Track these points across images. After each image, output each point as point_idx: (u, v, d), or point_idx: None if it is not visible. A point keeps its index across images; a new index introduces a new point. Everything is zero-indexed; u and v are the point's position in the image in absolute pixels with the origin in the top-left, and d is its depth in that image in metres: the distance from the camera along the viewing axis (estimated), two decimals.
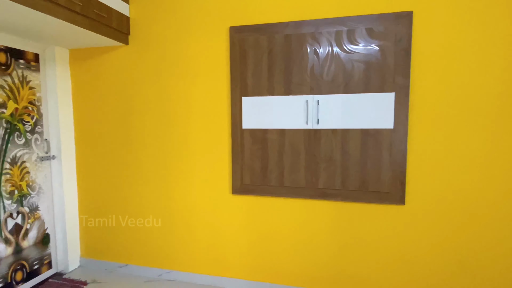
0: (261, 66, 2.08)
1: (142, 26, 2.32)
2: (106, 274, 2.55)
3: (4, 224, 2.10)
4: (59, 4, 1.71)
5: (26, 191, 2.26)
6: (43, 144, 2.39)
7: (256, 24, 2.06)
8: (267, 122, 2.11)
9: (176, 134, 2.34)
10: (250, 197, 2.22)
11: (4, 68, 2.07)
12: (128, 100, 2.42)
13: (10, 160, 2.13)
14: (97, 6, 1.99)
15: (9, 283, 2.13)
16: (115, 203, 2.55)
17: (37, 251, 2.36)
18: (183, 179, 2.35)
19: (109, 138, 2.50)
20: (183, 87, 2.28)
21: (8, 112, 2.10)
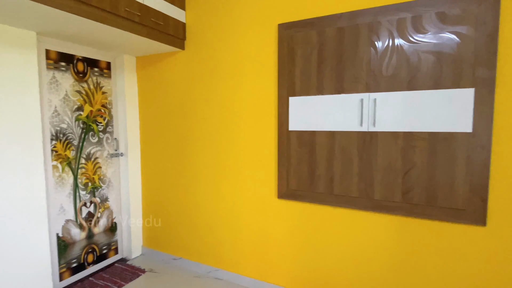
0: (310, 64, 1.93)
1: (196, 31, 2.41)
2: (161, 265, 2.73)
3: (79, 212, 2.41)
4: (120, 15, 1.87)
5: (98, 183, 2.56)
6: (113, 143, 2.68)
7: (305, 19, 1.93)
8: (316, 123, 1.95)
9: (225, 134, 2.35)
10: (296, 203, 2.09)
11: (82, 75, 2.38)
12: (184, 103, 2.54)
13: (85, 156, 2.44)
14: (154, 15, 2.13)
15: (81, 264, 2.44)
16: (172, 198, 2.71)
17: (106, 238, 2.66)
18: (231, 180, 2.36)
19: (168, 138, 2.67)
20: (232, 89, 2.29)
21: (84, 114, 2.41)
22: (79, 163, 2.39)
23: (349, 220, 1.92)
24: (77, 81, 2.34)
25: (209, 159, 2.45)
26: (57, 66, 2.20)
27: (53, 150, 2.19)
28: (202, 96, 2.44)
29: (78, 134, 2.37)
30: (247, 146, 2.26)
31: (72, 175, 2.34)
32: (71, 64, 2.29)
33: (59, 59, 2.20)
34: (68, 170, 2.31)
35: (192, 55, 2.46)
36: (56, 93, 2.19)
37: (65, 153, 2.28)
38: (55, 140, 2.20)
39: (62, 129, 2.25)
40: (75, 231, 2.39)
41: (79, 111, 2.37)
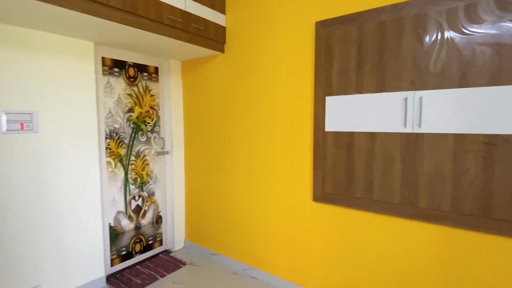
0: (349, 61, 1.85)
1: (235, 34, 2.47)
2: (201, 259, 2.85)
3: (129, 204, 2.64)
4: (163, 23, 2.00)
5: (146, 179, 2.78)
6: (159, 141, 2.88)
7: (344, 15, 1.85)
8: (354, 124, 1.86)
9: (260, 135, 2.37)
10: (332, 206, 2.01)
11: (133, 80, 2.60)
12: (223, 104, 2.62)
13: (135, 154, 2.66)
14: (196, 20, 2.23)
15: (130, 252, 2.67)
16: (211, 195, 2.81)
17: (152, 229, 2.87)
18: (266, 180, 2.37)
19: (208, 138, 2.78)
20: (268, 89, 2.29)
21: (134, 115, 2.63)
22: (130, 160, 2.62)
23: (390, 228, 1.79)
24: (129, 85, 2.57)
25: (245, 159, 2.49)
26: (111, 72, 2.44)
27: (107, 147, 2.44)
28: (239, 97, 2.49)
29: (129, 133, 2.60)
30: (282, 146, 2.24)
31: (123, 171, 2.57)
32: (124, 70, 2.52)
33: (113, 65, 2.44)
34: (119, 166, 2.54)
35: (231, 58, 2.52)
36: (110, 96, 2.44)
37: (117, 150, 2.52)
38: (109, 138, 2.44)
39: (115, 129, 2.49)
40: (125, 221, 2.62)
41: (130, 112, 2.60)
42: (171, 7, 2.03)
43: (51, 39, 1.97)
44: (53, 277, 2.08)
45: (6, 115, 1.79)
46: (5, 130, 1.79)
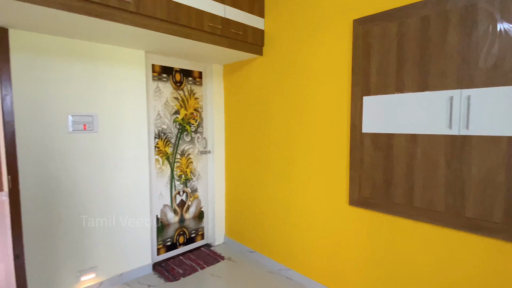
0: (388, 59, 1.76)
1: (273, 36, 2.51)
2: (239, 255, 2.95)
3: (174, 199, 2.86)
4: (204, 30, 2.14)
5: (190, 176, 2.97)
6: (202, 141, 3.06)
7: (383, 12, 1.77)
8: (393, 125, 1.76)
9: (297, 136, 2.37)
10: (370, 212, 1.93)
11: (179, 84, 2.81)
12: (260, 106, 2.68)
13: (180, 152, 2.87)
14: (234, 26, 2.33)
15: (174, 243, 2.88)
16: (250, 194, 2.90)
17: (195, 223, 3.06)
18: (302, 181, 2.36)
19: (246, 138, 2.87)
20: (304, 90, 2.29)
21: (180, 117, 2.84)
22: (175, 158, 2.83)
23: (432, 238, 1.66)
24: (175, 89, 2.79)
25: (282, 159, 2.51)
26: (160, 78, 2.67)
27: (156, 146, 2.68)
28: (276, 98, 2.52)
29: (175, 133, 2.81)
30: (319, 148, 2.22)
31: (169, 168, 2.80)
32: (171, 75, 2.75)
33: (162, 71, 2.68)
34: (166, 163, 2.77)
35: (268, 60, 2.57)
36: (159, 100, 2.67)
37: (165, 149, 2.75)
38: (157, 138, 2.68)
39: (163, 129, 2.72)
40: (170, 214, 2.84)
41: (176, 114, 2.81)
42: (211, 15, 2.16)
43: (108, 50, 2.25)
44: (107, 260, 2.36)
45: (72, 117, 2.09)
46: (71, 130, 2.09)
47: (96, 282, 2.31)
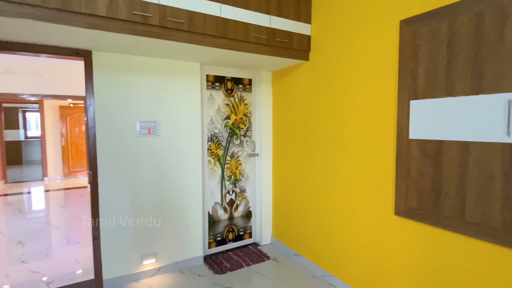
0: (437, 61, 1.64)
1: (320, 41, 2.53)
2: (284, 257, 3.01)
3: (224, 197, 3.08)
4: (249, 41, 2.28)
5: (239, 177, 3.16)
6: (251, 145, 3.22)
7: (432, 10, 1.66)
8: (443, 131, 1.63)
9: (341, 141, 2.34)
10: (416, 223, 1.81)
11: (230, 92, 3.02)
12: (305, 110, 2.72)
13: (230, 154, 3.08)
14: (280, 34, 2.42)
15: (223, 239, 3.10)
16: (295, 198, 2.95)
17: (243, 222, 3.24)
18: (345, 187, 2.32)
19: (292, 142, 2.93)
20: (349, 94, 2.25)
21: (230, 122, 3.05)
22: (226, 159, 3.05)
23: (487, 256, 1.49)
24: (226, 96, 3.01)
25: (326, 165, 2.50)
26: (213, 86, 2.92)
27: (208, 149, 2.93)
28: (320, 104, 2.53)
29: (226, 137, 3.03)
30: (363, 154, 2.16)
31: (220, 169, 3.03)
32: (223, 84, 2.98)
33: (214, 80, 2.92)
34: (218, 165, 3.01)
35: (314, 65, 2.59)
36: (212, 106, 2.92)
37: (216, 151, 2.99)
38: (210, 141, 2.93)
39: (215, 133, 2.96)
40: (220, 212, 3.07)
41: (227, 119, 3.03)
42: (256, 26, 2.30)
43: (169, 64, 2.57)
44: (165, 248, 2.68)
45: (139, 123, 2.45)
46: (138, 134, 2.45)
47: (155, 266, 2.64)
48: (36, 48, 2.07)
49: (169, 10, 1.92)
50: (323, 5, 2.46)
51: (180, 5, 1.95)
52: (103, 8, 1.72)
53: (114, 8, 1.75)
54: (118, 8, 1.76)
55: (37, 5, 1.56)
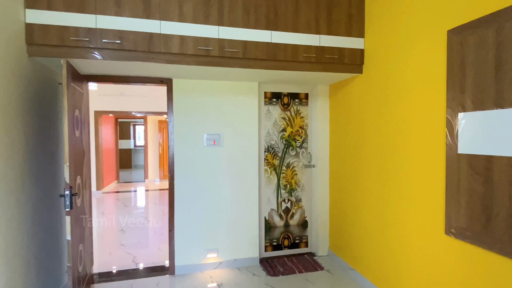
0: (485, 71, 1.54)
1: (372, 54, 2.54)
2: (338, 270, 3.01)
3: (280, 205, 3.28)
4: (298, 61, 2.49)
5: (294, 186, 3.33)
6: (307, 156, 3.36)
7: (478, 18, 1.57)
8: (492, 145, 1.51)
9: (392, 153, 2.29)
10: (467, 244, 1.67)
11: (286, 106, 3.26)
12: (359, 123, 2.73)
13: (286, 165, 3.28)
14: (329, 51, 2.55)
15: (279, 245, 3.29)
16: (350, 211, 2.94)
17: (298, 231, 3.37)
18: (397, 204, 2.25)
19: (348, 155, 2.95)
20: (400, 107, 2.21)
21: (286, 134, 3.27)
22: (281, 169, 3.27)
23: None
24: (283, 110, 3.25)
25: (378, 179, 2.46)
26: (270, 102, 3.21)
27: (265, 158, 3.21)
28: (374, 116, 2.52)
29: (282, 148, 3.26)
30: (414, 167, 2.08)
31: (276, 178, 3.26)
32: (279, 99, 3.24)
33: (271, 96, 3.21)
34: (273, 174, 3.25)
35: (367, 77, 2.61)
36: (269, 120, 3.21)
37: (272, 161, 3.24)
38: (267, 151, 3.21)
39: (272, 145, 3.23)
40: (276, 218, 3.28)
41: (283, 132, 3.26)
42: (305, 47, 2.49)
43: (230, 85, 2.98)
44: (226, 246, 3.04)
45: (206, 135, 2.91)
46: (205, 145, 2.92)
47: (217, 261, 3.02)
48: (134, 79, 2.75)
49: (227, 42, 2.31)
50: (376, 19, 2.49)
51: (235, 37, 2.31)
52: (176, 47, 2.21)
53: (184, 46, 2.22)
54: (187, 46, 2.23)
55: (130, 49, 2.14)
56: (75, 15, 2.03)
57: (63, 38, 2.02)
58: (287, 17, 2.44)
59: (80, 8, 2.04)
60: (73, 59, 2.13)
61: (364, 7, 2.63)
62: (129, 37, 2.12)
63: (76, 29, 2.04)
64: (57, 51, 2.04)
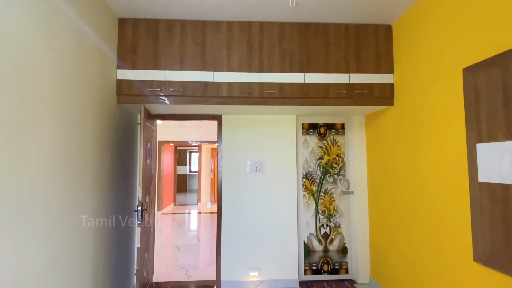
0: (496, 106, 1.67)
1: (401, 88, 2.74)
2: None
3: (319, 230, 3.45)
4: (329, 97, 2.80)
5: (333, 212, 3.48)
6: (344, 183, 3.52)
7: (488, 58, 1.74)
8: (507, 175, 1.60)
9: (421, 182, 2.39)
10: (494, 271, 1.70)
11: (323, 136, 3.52)
12: (394, 153, 2.87)
13: (323, 191, 3.48)
14: (359, 87, 2.82)
15: (318, 269, 3.41)
16: (391, 239, 2.98)
17: (338, 256, 3.45)
18: (429, 232, 2.31)
19: (384, 183, 3.06)
20: (426, 138, 2.34)
21: (324, 161, 3.50)
22: (319, 195, 3.47)
23: None
24: (319, 140, 3.52)
25: (411, 207, 2.54)
26: (308, 132, 3.51)
27: (303, 184, 3.46)
28: (404, 145, 2.65)
29: (319, 175, 3.49)
30: (442, 195, 2.16)
31: (314, 203, 3.47)
32: (316, 129, 3.53)
33: (309, 127, 3.52)
34: (312, 199, 3.47)
35: (397, 109, 2.78)
36: (306, 148, 3.50)
37: (310, 187, 3.47)
38: (305, 178, 3.47)
39: (309, 172, 3.48)
40: (315, 243, 3.44)
41: (320, 159, 3.50)
42: (336, 85, 2.80)
43: (270, 118, 3.38)
44: (267, 266, 3.29)
45: (249, 162, 3.31)
46: (248, 171, 3.31)
47: (258, 279, 3.27)
48: (192, 116, 3.34)
49: (266, 85, 2.75)
50: (403, 57, 2.71)
51: (273, 80, 2.75)
52: (224, 91, 2.72)
53: (231, 90, 2.72)
54: (233, 90, 2.72)
55: (190, 95, 2.70)
56: (150, 71, 2.68)
57: (142, 89, 2.67)
58: (318, 60, 2.81)
59: (155, 66, 2.69)
60: (148, 104, 2.76)
61: (392, 46, 2.87)
62: (189, 85, 2.70)
63: (151, 82, 2.68)
64: (138, 99, 2.69)
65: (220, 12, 2.66)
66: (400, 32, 2.76)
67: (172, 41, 2.73)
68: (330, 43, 2.84)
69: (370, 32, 2.88)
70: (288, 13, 2.69)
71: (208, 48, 2.75)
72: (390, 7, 2.61)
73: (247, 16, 2.73)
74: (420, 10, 2.45)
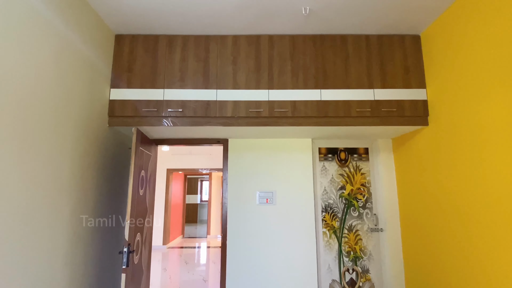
0: None
1: (437, 105, 2.31)
2: None
3: (343, 276, 2.87)
4: (351, 116, 2.39)
5: (359, 254, 2.92)
6: (372, 218, 2.98)
7: None
8: None
9: (472, 214, 1.87)
10: None
11: (344, 162, 3.06)
12: (431, 179, 2.37)
13: (347, 227, 2.95)
14: (386, 104, 2.41)
15: None
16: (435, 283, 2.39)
17: None
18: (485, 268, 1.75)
19: (421, 218, 2.52)
20: (469, 161, 1.86)
21: (346, 192, 3.01)
22: (343, 232, 2.94)
23: None
24: (340, 166, 3.06)
25: (455, 243, 1.99)
26: (326, 158, 3.07)
27: (323, 219, 2.95)
28: (445, 173, 2.16)
29: (341, 208, 2.98)
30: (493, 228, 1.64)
31: (337, 242, 2.93)
32: (336, 154, 3.08)
33: (327, 152, 3.08)
34: (334, 237, 2.93)
35: (434, 129, 2.33)
36: (325, 177, 3.03)
37: (331, 223, 2.95)
38: (324, 212, 2.97)
39: (329, 204, 2.98)
40: None
41: (342, 189, 3.02)
42: (358, 102, 2.40)
43: (282, 142, 2.98)
44: None
45: (259, 193, 2.87)
46: (258, 203, 2.85)
47: None
48: (195, 141, 2.98)
49: (276, 103, 2.38)
50: (438, 69, 2.31)
51: (284, 98, 2.39)
52: (229, 111, 2.37)
53: (236, 109, 2.37)
54: (239, 109, 2.37)
55: (191, 116, 2.36)
56: (147, 90, 2.39)
57: (137, 109, 2.36)
58: (336, 75, 2.45)
59: (153, 84, 2.40)
60: (144, 127, 2.43)
61: (422, 57, 2.49)
62: (190, 105, 2.37)
63: (147, 102, 2.37)
64: (132, 120, 2.38)
65: (225, 25, 2.39)
66: (431, 41, 2.39)
67: (172, 57, 2.45)
68: (350, 56, 2.49)
69: (395, 43, 2.53)
70: (300, 24, 2.39)
71: (211, 64, 2.45)
72: (418, 15, 2.28)
73: (255, 29, 2.45)
74: (457, 14, 2.08)
